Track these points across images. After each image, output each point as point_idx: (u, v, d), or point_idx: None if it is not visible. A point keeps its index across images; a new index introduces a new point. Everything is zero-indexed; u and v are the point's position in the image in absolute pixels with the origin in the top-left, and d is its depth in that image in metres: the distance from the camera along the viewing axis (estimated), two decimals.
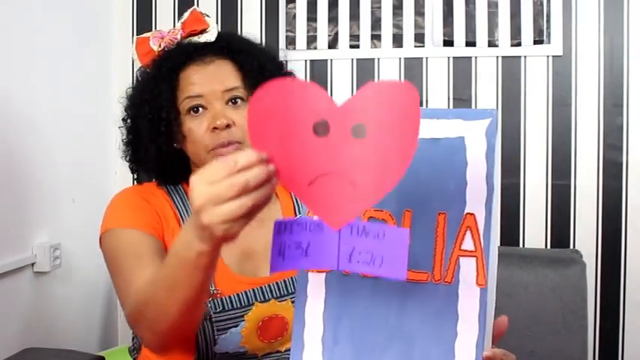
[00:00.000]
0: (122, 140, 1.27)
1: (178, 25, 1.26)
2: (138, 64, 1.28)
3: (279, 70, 1.25)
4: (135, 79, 1.29)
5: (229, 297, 1.12)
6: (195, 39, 1.24)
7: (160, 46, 1.25)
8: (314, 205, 0.64)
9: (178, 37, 1.25)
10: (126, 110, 1.26)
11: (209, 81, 1.17)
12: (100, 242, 1.17)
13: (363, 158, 0.62)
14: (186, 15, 1.26)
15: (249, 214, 0.66)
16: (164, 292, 0.87)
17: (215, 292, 1.12)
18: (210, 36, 1.24)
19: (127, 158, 1.28)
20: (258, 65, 1.20)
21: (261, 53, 1.26)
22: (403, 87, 0.61)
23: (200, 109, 1.16)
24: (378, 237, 0.63)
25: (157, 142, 1.19)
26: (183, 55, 1.21)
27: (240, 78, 1.19)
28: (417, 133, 0.61)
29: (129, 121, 1.26)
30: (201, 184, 0.66)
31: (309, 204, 0.65)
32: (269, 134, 0.64)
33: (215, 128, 1.13)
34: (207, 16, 1.26)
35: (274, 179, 0.66)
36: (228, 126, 1.13)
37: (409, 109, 0.61)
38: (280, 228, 0.65)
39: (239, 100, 1.18)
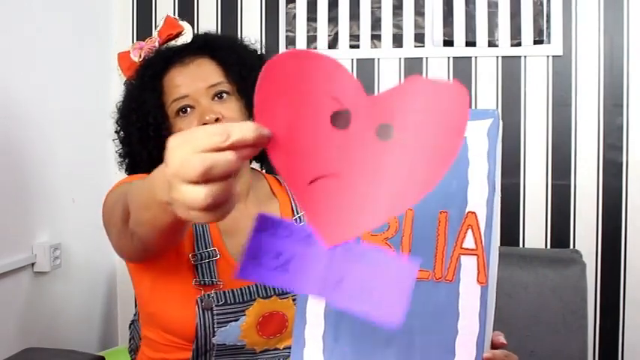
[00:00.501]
0: (116, 152, 1.29)
1: (155, 33, 1.28)
2: (123, 79, 1.29)
3: (261, 62, 1.24)
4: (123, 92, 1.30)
5: (232, 291, 1.13)
6: (173, 43, 1.26)
7: (140, 56, 1.26)
8: (309, 211, 0.54)
9: (156, 44, 1.27)
10: (117, 122, 1.28)
11: (192, 80, 1.18)
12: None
13: (382, 165, 0.51)
14: (160, 23, 1.29)
15: (213, 208, 0.52)
16: (138, 207, 0.81)
17: (218, 283, 1.12)
18: (187, 38, 1.26)
19: (124, 169, 1.29)
20: (238, 59, 1.21)
21: (240, 47, 1.28)
22: (451, 89, 0.50)
23: (188, 109, 1.17)
24: (377, 265, 0.52)
25: (147, 147, 1.20)
26: (162, 60, 1.22)
27: (222, 73, 1.20)
28: (458, 148, 0.50)
29: (121, 133, 1.27)
30: (180, 148, 0.52)
31: (305, 207, 0.54)
32: (277, 110, 0.53)
33: (204, 124, 1.13)
34: (182, 20, 1.28)
35: (234, 185, 0.54)
36: (217, 120, 1.13)
37: (452, 117, 0.50)
38: (262, 225, 0.55)
39: (225, 95, 1.19)
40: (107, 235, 1.08)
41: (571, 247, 1.94)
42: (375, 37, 2.00)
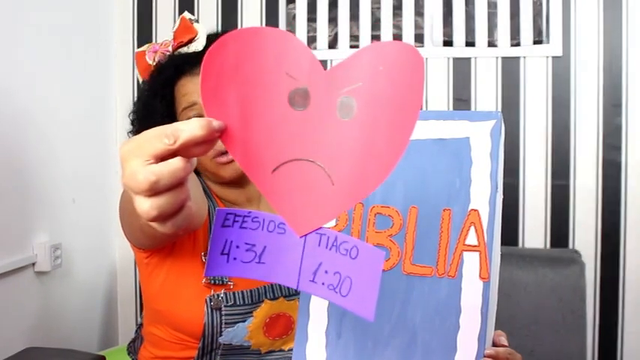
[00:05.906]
0: None
1: (170, 34, 1.28)
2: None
3: None
4: (137, 90, 1.29)
5: (241, 292, 1.13)
6: (185, 49, 1.25)
7: (154, 60, 1.26)
8: (276, 200, 0.51)
9: (170, 49, 1.26)
10: (132, 124, 1.28)
11: None
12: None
13: (346, 144, 0.49)
14: (177, 24, 1.28)
15: (162, 219, 0.50)
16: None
17: (228, 283, 1.13)
18: (198, 45, 1.25)
19: None
20: None
21: None
22: (402, 49, 0.47)
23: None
24: (349, 254, 0.50)
25: None
26: (173, 68, 1.21)
27: None
28: (416, 116, 0.47)
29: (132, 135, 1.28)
30: (131, 157, 0.50)
31: (271, 198, 0.51)
32: (228, 98, 0.49)
33: None
34: (196, 21, 1.27)
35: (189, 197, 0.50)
36: None
37: (410, 83, 0.47)
38: (226, 220, 0.52)
39: None
40: (122, 225, 1.09)
41: (570, 247, 1.95)
42: (375, 38, 2.00)
